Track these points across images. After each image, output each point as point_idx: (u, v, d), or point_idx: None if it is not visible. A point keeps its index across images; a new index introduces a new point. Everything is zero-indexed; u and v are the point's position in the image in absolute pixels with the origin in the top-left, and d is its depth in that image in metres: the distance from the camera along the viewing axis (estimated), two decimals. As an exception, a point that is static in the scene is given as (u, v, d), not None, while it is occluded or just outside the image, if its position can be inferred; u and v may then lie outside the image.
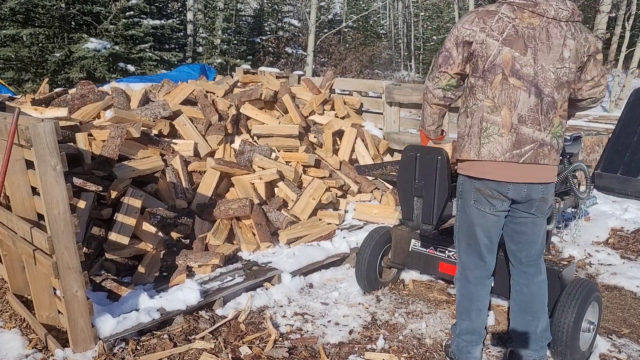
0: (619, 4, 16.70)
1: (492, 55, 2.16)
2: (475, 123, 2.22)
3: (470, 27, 2.21)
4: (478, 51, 2.19)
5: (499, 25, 2.16)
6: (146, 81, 7.08)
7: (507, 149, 2.18)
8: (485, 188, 2.26)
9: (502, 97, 2.17)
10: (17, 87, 10.84)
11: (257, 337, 2.88)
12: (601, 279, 3.70)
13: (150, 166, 3.99)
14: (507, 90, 2.16)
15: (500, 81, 2.16)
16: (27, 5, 10.74)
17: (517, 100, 2.16)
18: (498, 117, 2.18)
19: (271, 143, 4.87)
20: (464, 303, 2.51)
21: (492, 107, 2.19)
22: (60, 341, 2.69)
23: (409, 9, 31.34)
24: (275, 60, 17.27)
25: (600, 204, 4.99)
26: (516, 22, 2.15)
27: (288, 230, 4.09)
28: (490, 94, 2.19)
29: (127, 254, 3.51)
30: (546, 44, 2.15)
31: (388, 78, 21.56)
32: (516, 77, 2.15)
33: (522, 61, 2.14)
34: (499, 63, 2.15)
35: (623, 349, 2.82)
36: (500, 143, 2.18)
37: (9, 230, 2.85)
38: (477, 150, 2.22)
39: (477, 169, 2.27)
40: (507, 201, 2.29)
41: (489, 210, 2.31)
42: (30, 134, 2.32)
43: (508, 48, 2.14)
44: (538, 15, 2.16)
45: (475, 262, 2.44)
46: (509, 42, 2.14)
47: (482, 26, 2.18)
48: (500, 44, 2.14)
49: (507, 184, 2.22)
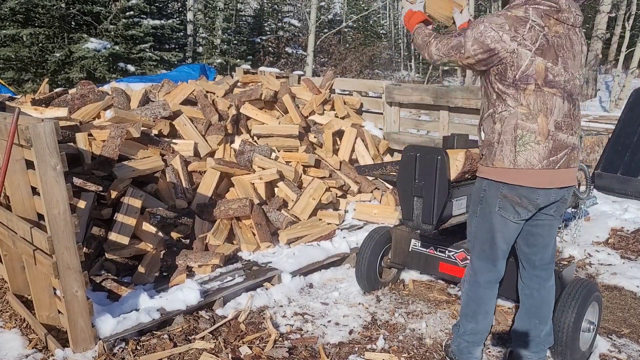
0: (619, 4, 16.71)
1: (524, 66, 2.11)
2: (508, 130, 2.16)
3: (498, 32, 2.11)
4: (508, 60, 2.12)
5: (531, 34, 2.10)
6: (146, 81, 7.08)
7: (545, 156, 2.15)
8: (515, 195, 2.21)
9: (537, 104, 2.14)
10: (17, 87, 10.84)
11: (257, 337, 2.88)
12: (601, 279, 3.70)
13: (150, 166, 3.99)
14: (542, 97, 2.13)
15: (534, 90, 2.13)
16: (27, 5, 10.74)
17: (553, 107, 2.14)
18: (534, 124, 2.14)
19: (271, 143, 4.87)
20: (471, 306, 2.49)
21: (527, 114, 2.14)
22: (61, 341, 2.69)
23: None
24: (275, 60, 17.27)
25: (600, 204, 4.98)
26: (546, 31, 2.12)
27: (288, 230, 4.09)
28: (524, 102, 2.14)
29: (127, 254, 3.51)
30: (571, 52, 2.16)
31: (388, 78, 21.55)
32: (549, 86, 2.13)
33: (555, 71, 2.13)
34: (532, 74, 2.11)
35: (623, 349, 2.82)
36: (537, 151, 2.14)
37: (9, 230, 2.85)
38: (513, 159, 2.16)
39: (512, 176, 2.19)
40: (533, 210, 2.26)
41: (512, 218, 2.27)
42: (30, 134, 2.31)
43: (541, 58, 2.11)
44: (562, 22, 2.15)
45: (488, 267, 2.42)
46: (541, 52, 2.10)
47: (514, 35, 2.10)
48: (533, 54, 2.10)
49: (539, 190, 2.19)
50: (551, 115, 2.14)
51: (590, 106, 14.63)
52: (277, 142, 4.89)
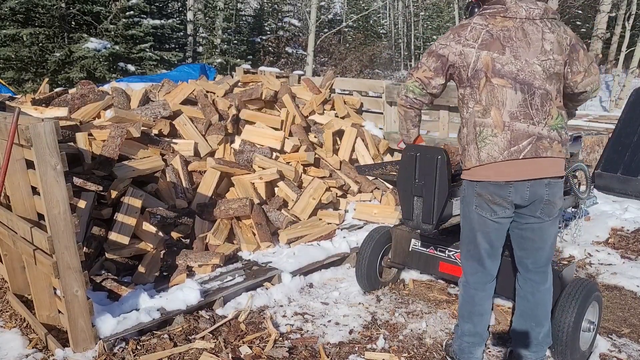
0: (619, 3, 16.70)
1: (472, 62, 2.21)
2: (471, 130, 2.25)
3: (445, 42, 2.28)
4: (458, 62, 2.24)
5: (472, 34, 2.22)
6: (146, 81, 7.08)
7: (504, 147, 2.17)
8: (487, 193, 2.23)
9: (488, 98, 2.19)
10: (17, 87, 10.84)
11: (257, 336, 2.88)
12: (601, 278, 3.70)
13: (150, 166, 3.99)
14: (492, 91, 2.19)
15: (485, 84, 2.20)
16: (27, 5, 10.74)
17: (504, 99, 2.17)
18: (489, 118, 2.19)
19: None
20: (466, 307, 2.50)
21: (481, 110, 2.21)
22: (61, 341, 2.69)
23: (409, 8, 31.32)
24: (275, 60, 17.27)
25: (600, 204, 4.98)
26: (489, 27, 2.20)
27: (288, 230, 4.09)
28: (478, 99, 2.22)
29: (127, 254, 3.51)
30: (524, 41, 2.18)
31: (388, 78, 21.55)
32: (499, 76, 2.17)
33: (502, 60, 2.17)
34: (480, 67, 2.19)
35: (623, 348, 2.82)
36: (496, 143, 2.17)
37: (9, 230, 2.85)
38: (477, 156, 2.22)
39: (478, 173, 2.24)
40: (509, 207, 2.25)
41: (490, 217, 2.28)
42: (30, 134, 2.32)
43: (486, 51, 2.18)
44: (510, 18, 2.20)
45: (475, 267, 2.42)
46: (485, 45, 2.19)
47: (457, 39, 2.25)
48: (477, 49, 2.19)
49: (509, 185, 2.19)
50: (503, 107, 2.18)
51: (590, 106, 14.63)
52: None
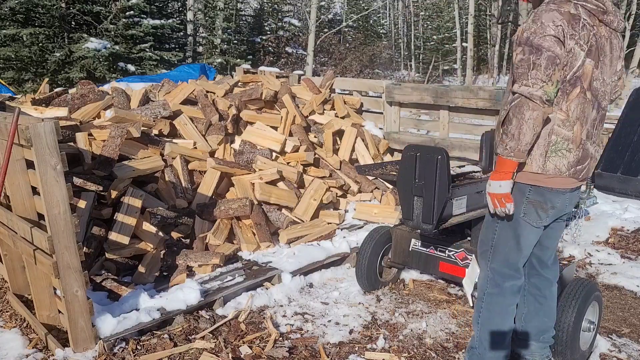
0: (619, 3, 16.69)
1: (576, 67, 2.00)
2: (541, 135, 2.05)
3: (561, 26, 1.94)
4: (565, 60, 1.98)
5: (584, 33, 1.98)
6: (146, 81, 7.07)
7: (573, 164, 2.10)
8: (541, 200, 2.15)
9: (577, 111, 2.05)
10: (17, 87, 10.84)
11: (257, 336, 2.88)
12: (601, 278, 3.70)
13: (150, 166, 4.00)
14: (582, 104, 2.05)
15: (578, 95, 2.03)
16: (27, 5, 10.74)
17: (588, 116, 2.08)
18: (570, 132, 2.06)
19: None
20: (496, 320, 2.30)
21: (564, 120, 2.05)
22: (61, 341, 2.69)
23: (409, 8, 31.33)
24: (275, 60, 17.26)
25: (600, 204, 4.98)
26: (595, 31, 2.01)
27: (288, 230, 4.09)
28: (564, 107, 2.04)
29: (127, 254, 3.51)
30: (609, 57, 2.07)
31: (388, 78, 21.55)
32: (590, 91, 2.05)
33: (595, 75, 2.04)
34: (580, 75, 2.01)
35: (623, 348, 2.82)
36: (567, 158, 2.08)
37: (9, 230, 2.85)
38: (542, 164, 2.09)
39: (540, 180, 2.13)
40: (553, 215, 2.23)
41: (535, 224, 2.21)
42: (30, 134, 2.32)
43: (589, 60, 2.01)
44: (605, 25, 2.05)
45: (512, 274, 2.30)
46: (591, 52, 2.01)
47: (572, 32, 1.96)
48: (585, 54, 1.99)
49: (562, 194, 2.16)
50: (585, 124, 2.08)
51: (590, 106, 14.62)
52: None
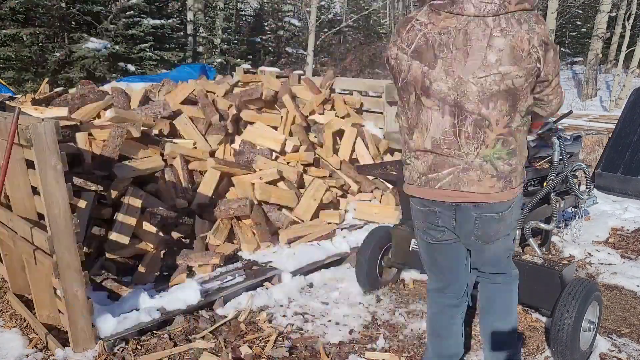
0: (619, 3, 16.69)
1: (404, 72, 1.87)
2: (402, 144, 2.04)
3: (391, 41, 1.93)
4: (395, 68, 1.91)
5: (409, 35, 1.84)
6: (146, 81, 7.08)
7: (423, 171, 1.94)
8: (418, 218, 2.06)
9: (415, 119, 1.91)
10: (17, 86, 10.84)
11: (257, 336, 2.88)
12: (601, 278, 3.70)
13: (150, 166, 4.00)
14: (419, 111, 1.89)
15: (415, 101, 1.89)
16: (27, 4, 10.74)
17: (428, 123, 1.86)
18: (412, 141, 1.95)
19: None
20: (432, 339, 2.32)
21: (407, 128, 1.96)
22: (61, 341, 2.70)
23: (409, 8, 31.34)
24: (275, 60, 17.28)
25: (600, 204, 4.98)
26: (428, 29, 1.81)
27: (288, 230, 4.09)
28: (408, 116, 1.94)
29: (127, 254, 3.51)
30: (462, 50, 1.77)
31: (388, 78, 21.55)
32: (426, 95, 1.84)
33: (432, 76, 1.81)
34: (410, 80, 1.86)
35: (623, 348, 2.82)
36: (416, 166, 1.96)
37: (9, 230, 2.85)
38: (404, 171, 2.05)
39: (407, 188, 2.06)
40: (443, 230, 2.03)
41: (432, 241, 2.09)
42: (30, 134, 2.32)
43: (417, 62, 1.83)
44: (455, 15, 1.78)
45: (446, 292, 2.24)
46: (417, 54, 1.83)
47: (396, 38, 1.89)
48: (409, 57, 1.84)
49: (431, 213, 2.00)
50: (427, 132, 1.87)
51: (590, 106, 14.64)
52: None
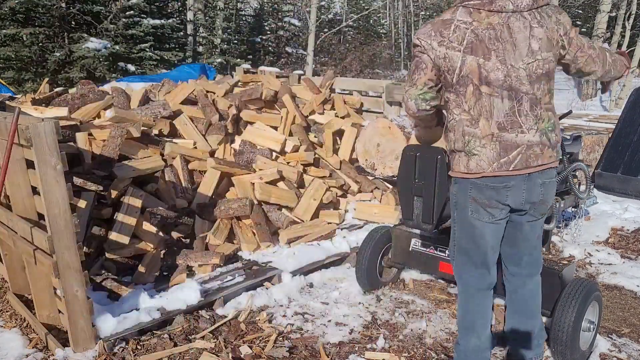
0: (619, 3, 16.68)
1: (458, 68, 2.06)
2: (458, 138, 2.15)
3: (426, 40, 2.09)
4: (443, 66, 2.09)
5: (457, 35, 2.05)
6: (146, 81, 7.09)
7: (493, 159, 2.09)
8: (482, 196, 2.16)
9: (477, 108, 2.09)
10: (17, 86, 10.85)
11: (257, 336, 2.88)
12: (601, 278, 3.70)
13: (150, 166, 4.00)
14: (480, 100, 2.08)
15: (473, 92, 2.07)
16: (27, 4, 10.74)
17: (492, 109, 2.07)
18: (477, 129, 2.10)
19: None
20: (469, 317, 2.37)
21: (469, 119, 2.11)
22: (61, 341, 2.69)
23: (409, 8, 31.33)
24: (275, 60, 17.28)
25: (600, 204, 4.98)
26: (474, 26, 2.04)
27: (288, 230, 4.09)
28: (466, 107, 2.11)
29: (127, 254, 3.51)
30: (510, 42, 2.04)
31: (388, 77, 21.54)
32: (486, 84, 2.05)
33: (488, 67, 2.04)
34: (467, 74, 2.06)
35: (623, 348, 2.82)
36: (485, 155, 2.10)
37: (9, 230, 2.85)
38: (466, 164, 2.14)
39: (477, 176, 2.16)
40: (505, 208, 2.19)
41: (488, 220, 2.20)
42: (30, 134, 2.32)
43: (471, 56, 2.04)
44: (496, 12, 2.04)
45: (479, 273, 2.32)
46: (470, 49, 2.04)
47: (440, 39, 2.06)
48: (463, 53, 2.04)
49: (504, 189, 2.13)
50: (492, 118, 2.08)
51: (590, 105, 14.62)
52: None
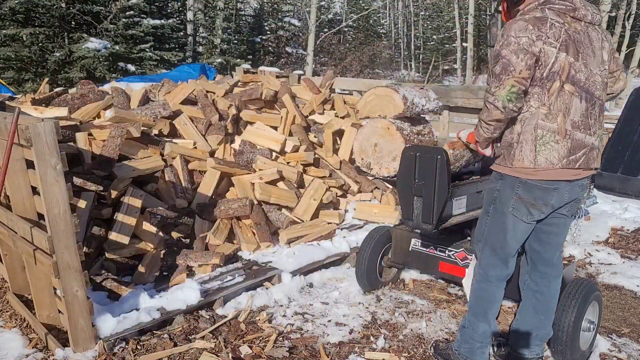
0: (619, 3, 16.67)
1: (550, 63, 2.13)
2: (528, 130, 2.18)
3: (526, 35, 2.10)
4: (540, 60, 2.14)
5: (553, 31, 2.13)
6: (146, 81, 7.09)
7: (564, 155, 2.17)
8: (530, 197, 2.23)
9: (557, 104, 2.16)
10: (17, 86, 10.85)
11: (257, 336, 2.88)
12: (601, 278, 3.70)
13: (150, 166, 3.99)
14: (562, 97, 2.16)
15: (558, 88, 2.15)
16: (27, 5, 10.74)
17: (571, 107, 2.17)
18: (554, 124, 2.16)
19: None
20: (482, 305, 2.48)
21: (547, 114, 2.17)
22: (61, 341, 2.69)
23: (409, 8, 31.34)
24: (275, 60, 17.28)
25: (600, 204, 4.99)
26: (566, 27, 2.15)
27: (288, 230, 4.09)
28: (546, 101, 2.16)
29: (127, 254, 3.51)
30: (590, 48, 2.19)
31: (388, 78, 21.55)
32: (571, 83, 2.16)
33: (576, 67, 2.15)
34: (557, 70, 2.14)
35: (623, 348, 2.82)
36: (557, 150, 2.17)
37: (9, 230, 2.85)
38: (533, 158, 2.18)
39: (529, 174, 2.22)
40: (547, 211, 2.28)
41: (525, 219, 2.29)
42: (30, 134, 2.32)
43: (564, 54, 2.14)
44: (578, 20, 2.18)
45: (499, 265, 2.43)
46: (564, 47, 2.14)
47: (538, 34, 2.11)
48: (558, 50, 2.13)
49: (554, 191, 2.22)
50: (568, 115, 2.17)
51: (590, 105, 14.62)
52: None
